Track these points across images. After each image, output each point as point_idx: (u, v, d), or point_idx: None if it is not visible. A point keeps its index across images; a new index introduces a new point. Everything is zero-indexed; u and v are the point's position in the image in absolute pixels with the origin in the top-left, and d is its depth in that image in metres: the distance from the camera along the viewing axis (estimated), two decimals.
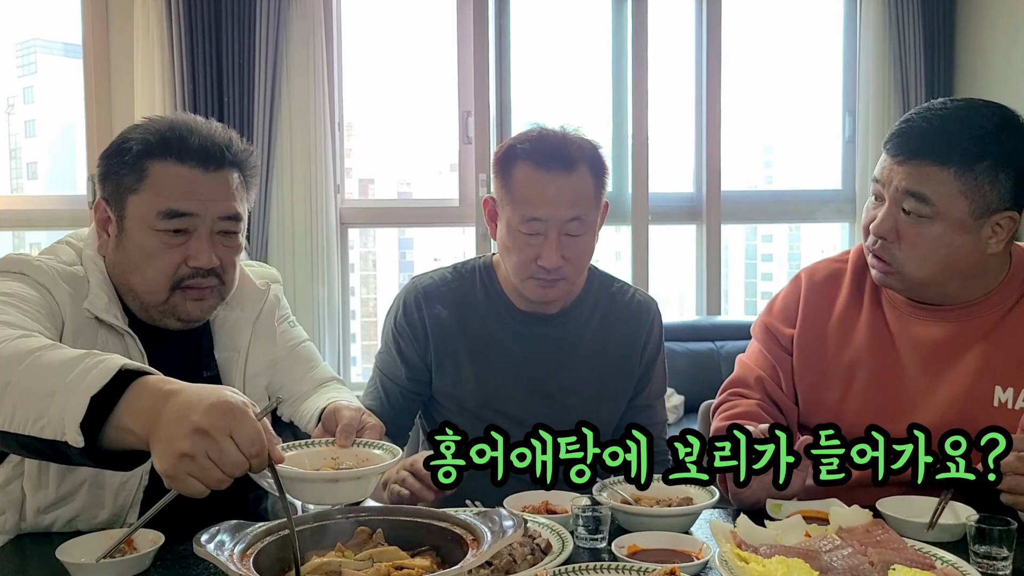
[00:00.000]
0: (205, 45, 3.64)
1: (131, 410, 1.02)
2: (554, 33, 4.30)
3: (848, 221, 4.31)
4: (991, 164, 1.45)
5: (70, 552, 1.21)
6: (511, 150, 1.64)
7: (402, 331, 1.75)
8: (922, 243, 1.49)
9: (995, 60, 3.93)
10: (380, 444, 1.31)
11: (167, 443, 0.97)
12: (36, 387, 1.06)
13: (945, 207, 1.46)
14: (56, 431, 1.02)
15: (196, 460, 0.96)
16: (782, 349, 1.69)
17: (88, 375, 1.03)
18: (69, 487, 1.40)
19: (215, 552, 0.95)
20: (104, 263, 1.44)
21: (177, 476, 0.97)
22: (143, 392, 1.03)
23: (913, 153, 1.48)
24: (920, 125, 1.50)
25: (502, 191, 1.65)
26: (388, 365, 1.78)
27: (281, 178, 3.76)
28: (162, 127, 1.42)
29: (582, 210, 1.61)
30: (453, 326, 1.72)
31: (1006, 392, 1.50)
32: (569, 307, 1.74)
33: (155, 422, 0.99)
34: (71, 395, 1.02)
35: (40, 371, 1.08)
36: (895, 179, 1.50)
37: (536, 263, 1.60)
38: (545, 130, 1.64)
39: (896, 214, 1.50)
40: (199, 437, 0.95)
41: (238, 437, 0.96)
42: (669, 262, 4.37)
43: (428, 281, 1.75)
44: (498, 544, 1.00)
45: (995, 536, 1.22)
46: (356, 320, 4.27)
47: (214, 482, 0.97)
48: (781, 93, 4.48)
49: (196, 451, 0.95)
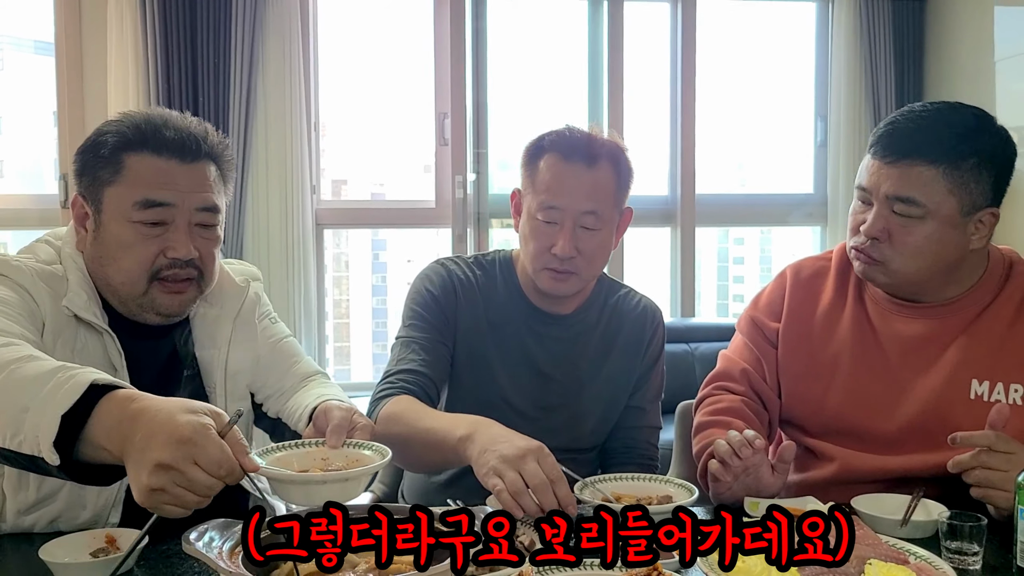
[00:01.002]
0: (180, 44, 3.61)
1: (102, 427, 1.04)
2: (531, 36, 4.32)
3: (820, 225, 4.38)
4: (976, 162, 1.49)
5: (53, 552, 1.20)
6: (539, 141, 1.68)
7: (435, 291, 1.72)
8: (913, 242, 1.52)
9: (963, 66, 4.01)
10: (370, 445, 1.31)
11: (136, 477, 0.99)
12: (11, 402, 1.08)
13: (935, 206, 1.50)
14: (33, 447, 1.05)
15: (167, 491, 0.98)
16: (767, 342, 1.72)
17: (59, 391, 1.05)
18: (50, 488, 1.39)
19: (204, 550, 0.95)
20: (83, 259, 1.44)
21: (154, 506, 1.00)
22: (112, 408, 1.04)
23: (903, 154, 1.51)
24: (906, 127, 1.53)
25: (527, 181, 1.69)
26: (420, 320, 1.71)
27: (256, 178, 3.74)
28: (138, 120, 1.42)
29: (599, 205, 1.64)
30: (478, 305, 1.73)
31: (982, 385, 1.54)
32: (580, 308, 1.77)
33: (124, 447, 1.01)
34: (42, 413, 1.04)
35: (15, 386, 1.09)
36: (884, 183, 1.52)
37: (550, 251, 1.62)
38: (573, 127, 1.69)
39: (887, 215, 1.53)
40: (163, 471, 0.97)
41: (203, 463, 0.98)
42: (644, 264, 4.41)
43: (455, 265, 1.77)
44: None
45: (966, 532, 1.25)
46: (329, 321, 4.26)
47: (192, 505, 1.00)
48: (755, 98, 4.54)
49: (164, 484, 0.98)
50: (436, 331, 1.70)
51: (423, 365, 1.65)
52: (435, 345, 1.69)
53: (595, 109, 4.07)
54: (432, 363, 1.66)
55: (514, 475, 1.25)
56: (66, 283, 1.40)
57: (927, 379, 1.58)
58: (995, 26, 3.80)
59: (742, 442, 1.44)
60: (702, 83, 4.22)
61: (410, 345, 1.68)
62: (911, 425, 1.57)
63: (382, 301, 5.06)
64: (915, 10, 4.16)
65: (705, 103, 4.25)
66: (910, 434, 1.57)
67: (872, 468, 1.58)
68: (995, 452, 1.37)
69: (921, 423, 1.56)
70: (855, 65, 4.13)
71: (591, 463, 1.79)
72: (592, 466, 1.79)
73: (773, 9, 4.49)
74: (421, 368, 1.65)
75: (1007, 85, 3.72)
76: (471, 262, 1.79)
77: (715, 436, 1.55)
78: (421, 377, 1.64)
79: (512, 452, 1.28)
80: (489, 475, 1.28)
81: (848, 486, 1.53)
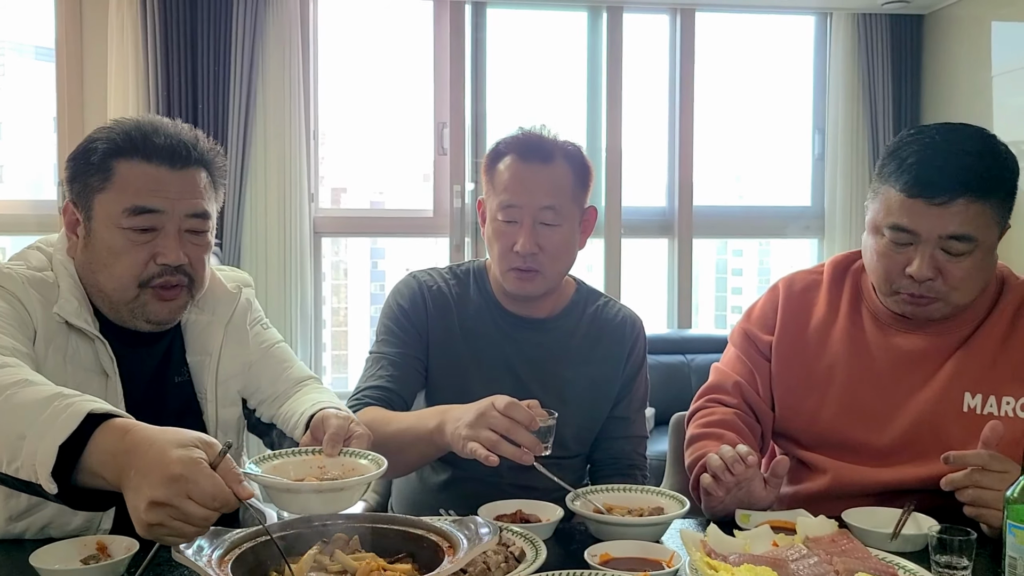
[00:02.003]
0: (180, 51, 3.63)
1: (98, 458, 1.05)
2: (530, 47, 4.34)
3: (817, 237, 4.39)
4: (1008, 188, 1.52)
5: (43, 559, 1.20)
6: (496, 147, 1.73)
7: (404, 304, 1.76)
8: (964, 275, 1.51)
9: (960, 80, 4.03)
10: (367, 454, 1.31)
11: (134, 511, 1.01)
12: (8, 429, 1.09)
13: (983, 237, 1.50)
14: (30, 474, 1.06)
15: (165, 525, 1.00)
16: (760, 355, 1.72)
17: (56, 421, 1.06)
18: None
19: (193, 558, 0.95)
20: (73, 266, 1.44)
21: (156, 538, 1.02)
22: (107, 439, 1.06)
23: (949, 193, 1.47)
24: (939, 162, 1.49)
25: (488, 186, 1.72)
26: (391, 335, 1.75)
27: (255, 186, 3.75)
28: (128, 127, 1.43)
29: (557, 200, 1.66)
30: (451, 315, 1.75)
31: (975, 398, 1.55)
32: (558, 315, 1.78)
33: (120, 479, 1.03)
34: (40, 442, 1.06)
35: (11, 412, 1.11)
36: (935, 223, 1.49)
37: (513, 250, 1.65)
38: (528, 129, 1.73)
39: (937, 255, 1.51)
40: (159, 508, 0.99)
41: (197, 497, 0.99)
42: (641, 275, 4.41)
43: (426, 276, 1.80)
44: (475, 550, 1.01)
45: (955, 546, 1.25)
46: (327, 329, 4.26)
47: (191, 535, 1.01)
48: (753, 111, 4.56)
49: (162, 519, 0.99)
50: (406, 345, 1.74)
51: (390, 381, 1.70)
52: (405, 359, 1.73)
53: (593, 120, 4.09)
54: (400, 378, 1.71)
55: (486, 432, 1.37)
56: (57, 290, 1.40)
57: (921, 392, 1.58)
58: (992, 41, 3.82)
59: (735, 458, 1.45)
60: (700, 95, 4.24)
61: (380, 361, 1.74)
62: (904, 438, 1.57)
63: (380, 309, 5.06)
64: (913, 24, 4.19)
65: (703, 115, 4.27)
66: (903, 447, 1.57)
67: (865, 481, 1.58)
68: (988, 471, 1.37)
69: (914, 436, 1.57)
70: (853, 79, 4.15)
71: (576, 470, 1.79)
72: (578, 473, 1.79)
73: (771, 23, 4.51)
74: (388, 384, 1.69)
75: (1004, 100, 3.74)
76: (444, 272, 1.82)
77: (707, 449, 1.55)
78: (388, 393, 1.69)
79: (473, 417, 1.40)
80: (465, 445, 1.39)
81: (840, 499, 1.53)
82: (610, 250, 4.05)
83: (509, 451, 1.36)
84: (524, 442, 1.37)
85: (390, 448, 1.43)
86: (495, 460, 1.36)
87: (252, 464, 1.25)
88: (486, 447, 1.36)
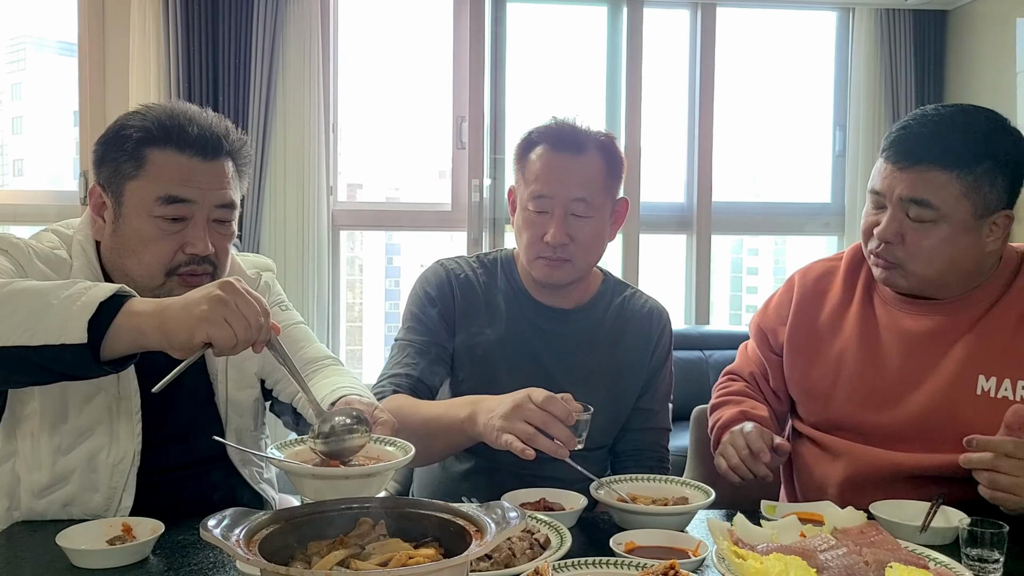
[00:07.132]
0: (201, 45, 3.64)
1: (139, 306, 1.18)
2: (550, 41, 4.33)
3: (837, 234, 4.36)
4: (990, 165, 1.49)
5: (70, 538, 1.20)
6: (529, 136, 1.71)
7: (432, 291, 1.75)
8: (927, 245, 1.52)
9: (984, 77, 3.99)
10: (394, 440, 1.31)
11: (185, 311, 1.14)
12: (27, 304, 1.17)
13: (949, 210, 1.49)
14: (51, 335, 1.14)
15: (227, 307, 1.13)
16: (771, 351, 1.77)
17: (88, 290, 1.17)
18: (63, 469, 1.40)
19: (222, 536, 0.95)
20: (98, 248, 1.45)
21: (213, 320, 1.13)
22: (141, 301, 1.20)
23: (916, 159, 1.51)
24: (919, 131, 1.53)
25: (519, 175, 1.71)
26: (417, 323, 1.74)
27: (275, 179, 3.76)
28: (161, 116, 1.43)
29: (588, 192, 1.65)
30: (478, 303, 1.74)
31: (989, 381, 1.54)
32: (584, 305, 1.77)
33: (167, 308, 1.16)
34: (73, 304, 1.15)
35: (29, 294, 1.18)
36: (897, 186, 1.53)
37: (543, 240, 1.64)
38: (561, 118, 1.71)
39: (900, 219, 1.53)
40: (218, 304, 1.13)
41: (249, 300, 1.16)
42: (658, 271, 4.40)
43: (454, 264, 1.79)
44: (503, 534, 1.00)
45: (987, 539, 1.24)
46: (342, 324, 4.26)
47: (241, 331, 1.14)
48: (773, 106, 4.53)
49: (219, 309, 1.13)
50: (432, 333, 1.73)
51: (415, 369, 1.69)
52: (431, 348, 1.72)
53: (613, 115, 4.07)
54: (425, 366, 1.70)
55: (521, 424, 1.36)
56: (69, 267, 1.41)
57: (934, 375, 1.57)
58: (1017, 38, 3.78)
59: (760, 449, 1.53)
60: (720, 90, 4.21)
61: (405, 349, 1.73)
62: (918, 421, 1.57)
63: (395, 305, 5.06)
64: (936, 20, 4.15)
65: (723, 111, 4.24)
66: (917, 430, 1.57)
67: (880, 463, 1.57)
68: (1010, 458, 1.35)
69: (928, 419, 1.56)
70: (875, 75, 4.12)
71: (601, 461, 1.78)
72: (602, 464, 1.78)
73: (793, 18, 4.48)
74: (413, 372, 1.68)
75: None
76: (472, 260, 1.81)
77: (727, 412, 1.69)
78: (412, 380, 1.67)
79: (508, 409, 1.38)
80: (499, 437, 1.38)
81: (860, 486, 1.52)
82: (628, 245, 4.03)
83: (545, 445, 1.35)
84: (560, 436, 1.35)
85: (418, 436, 1.42)
86: (531, 454, 1.35)
87: (274, 449, 1.25)
88: (522, 440, 1.35)
